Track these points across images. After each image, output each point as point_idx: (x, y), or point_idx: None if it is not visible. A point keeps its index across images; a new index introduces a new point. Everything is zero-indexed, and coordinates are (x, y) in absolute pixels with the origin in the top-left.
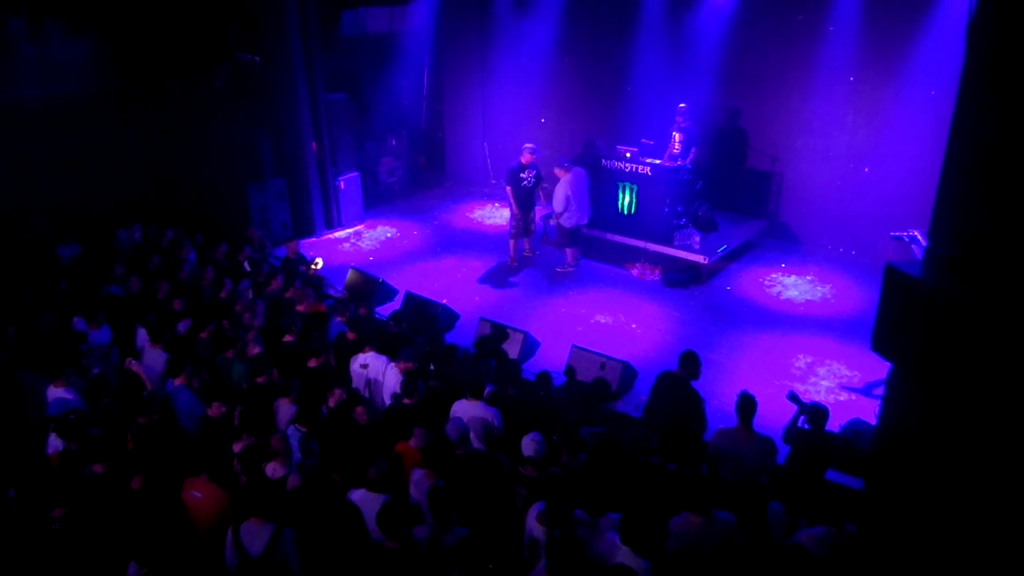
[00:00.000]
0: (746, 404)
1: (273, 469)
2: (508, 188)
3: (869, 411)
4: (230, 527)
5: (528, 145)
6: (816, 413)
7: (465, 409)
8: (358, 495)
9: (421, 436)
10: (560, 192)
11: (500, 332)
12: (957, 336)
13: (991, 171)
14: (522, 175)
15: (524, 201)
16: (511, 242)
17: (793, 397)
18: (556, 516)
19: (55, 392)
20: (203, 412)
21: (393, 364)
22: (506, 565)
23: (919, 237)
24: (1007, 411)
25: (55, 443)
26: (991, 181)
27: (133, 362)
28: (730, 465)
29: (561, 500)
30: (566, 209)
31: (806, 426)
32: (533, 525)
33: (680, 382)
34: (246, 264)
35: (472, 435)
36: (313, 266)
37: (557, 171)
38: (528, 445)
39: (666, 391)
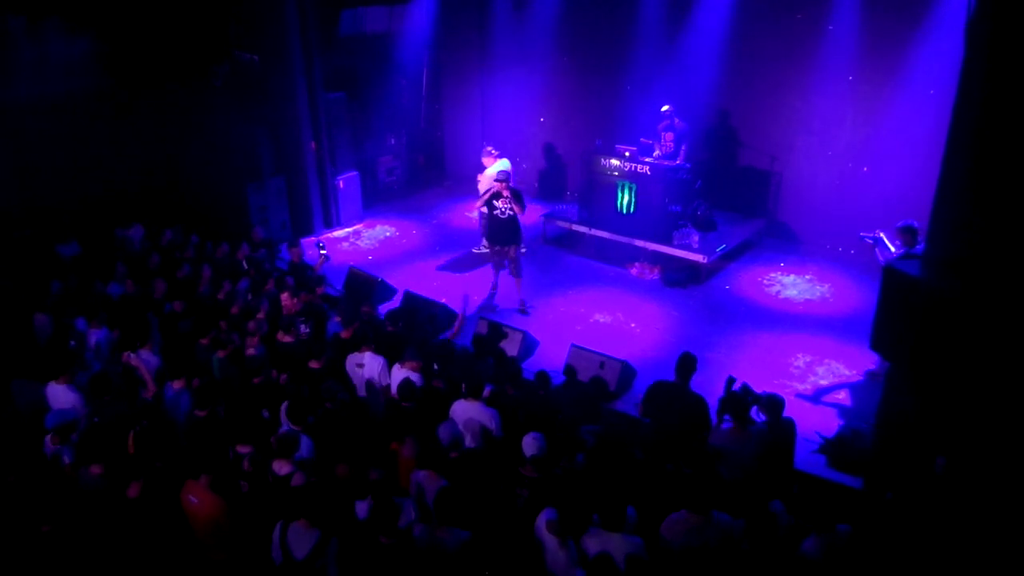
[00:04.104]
0: (738, 403)
1: (279, 466)
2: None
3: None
4: (278, 525)
5: (500, 173)
6: (772, 403)
7: (464, 409)
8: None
9: (412, 446)
10: (487, 177)
11: (499, 331)
12: (955, 335)
13: (990, 170)
14: (495, 203)
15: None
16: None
17: (746, 389)
18: (569, 526)
19: (55, 389)
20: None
21: (398, 365)
22: (507, 568)
23: (884, 238)
24: (1004, 408)
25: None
26: (990, 180)
27: (132, 356)
28: (729, 463)
29: (573, 510)
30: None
31: (761, 416)
32: (544, 533)
33: (679, 389)
34: (244, 263)
35: (468, 437)
36: (320, 249)
37: (486, 159)
38: (530, 444)
39: (666, 401)
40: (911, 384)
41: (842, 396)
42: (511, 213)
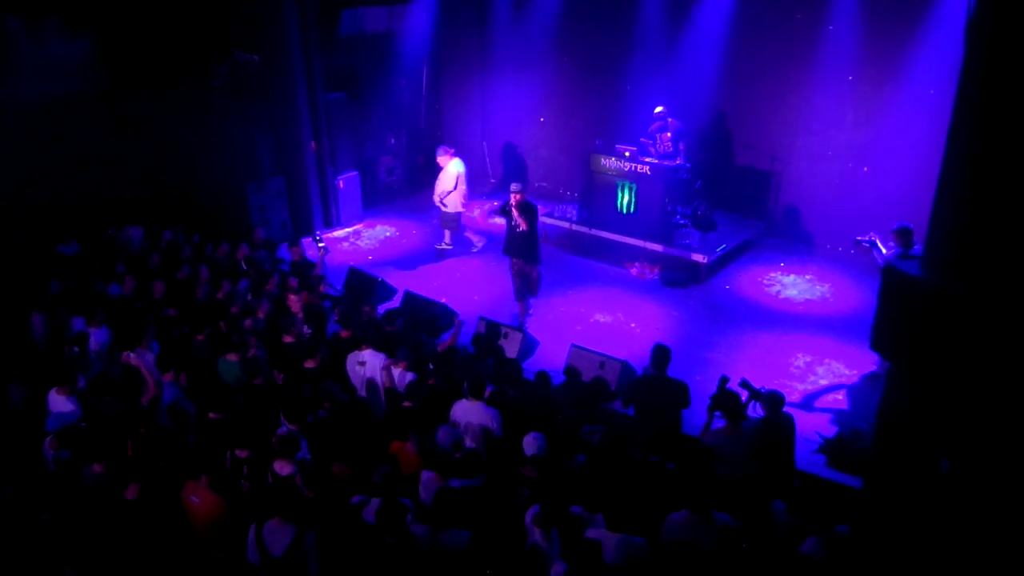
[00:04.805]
0: (729, 401)
1: (280, 467)
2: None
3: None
4: (253, 525)
5: (515, 184)
6: (772, 400)
7: (465, 409)
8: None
9: (416, 442)
10: (451, 175)
11: (498, 331)
12: (955, 335)
13: (989, 170)
14: (513, 212)
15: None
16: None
17: (745, 384)
18: (550, 518)
19: (56, 399)
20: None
21: (391, 364)
22: (508, 568)
23: (878, 241)
24: (1004, 408)
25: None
26: (990, 180)
27: (132, 356)
28: (725, 462)
29: (554, 502)
30: (455, 189)
31: (760, 413)
32: (532, 529)
33: (661, 380)
34: (243, 263)
35: (468, 438)
36: (319, 244)
37: (441, 159)
38: (530, 444)
39: (648, 391)
40: (911, 384)
41: (842, 396)
42: (523, 228)
